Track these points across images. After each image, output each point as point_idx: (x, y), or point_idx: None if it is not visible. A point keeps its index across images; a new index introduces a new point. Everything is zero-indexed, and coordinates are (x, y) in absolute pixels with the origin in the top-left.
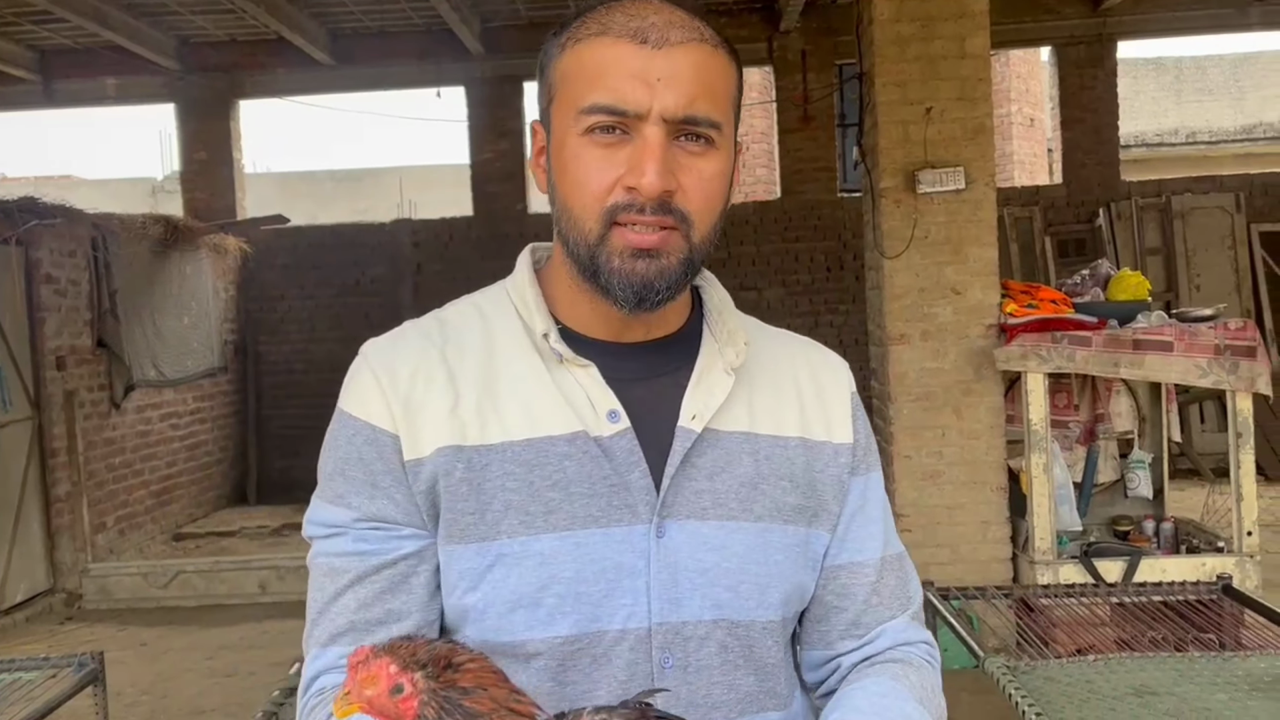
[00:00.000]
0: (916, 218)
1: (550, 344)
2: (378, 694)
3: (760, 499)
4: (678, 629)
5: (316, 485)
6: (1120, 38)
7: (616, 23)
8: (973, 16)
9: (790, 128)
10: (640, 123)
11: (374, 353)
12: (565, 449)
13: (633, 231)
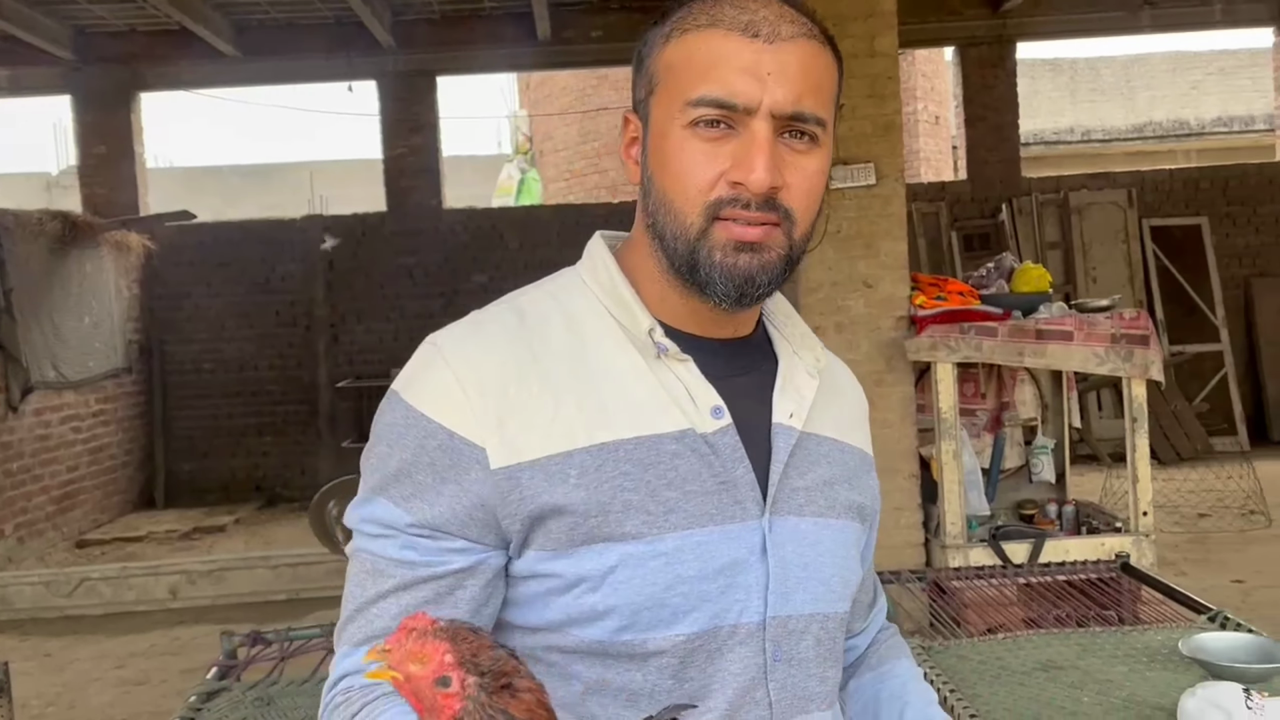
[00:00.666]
0: (829, 213)
1: (655, 339)
2: (421, 675)
3: (836, 497)
4: (784, 623)
5: (365, 467)
6: (1019, 39)
7: (727, 15)
8: (881, 16)
9: None
10: (748, 118)
11: (453, 349)
12: (674, 447)
13: (736, 225)
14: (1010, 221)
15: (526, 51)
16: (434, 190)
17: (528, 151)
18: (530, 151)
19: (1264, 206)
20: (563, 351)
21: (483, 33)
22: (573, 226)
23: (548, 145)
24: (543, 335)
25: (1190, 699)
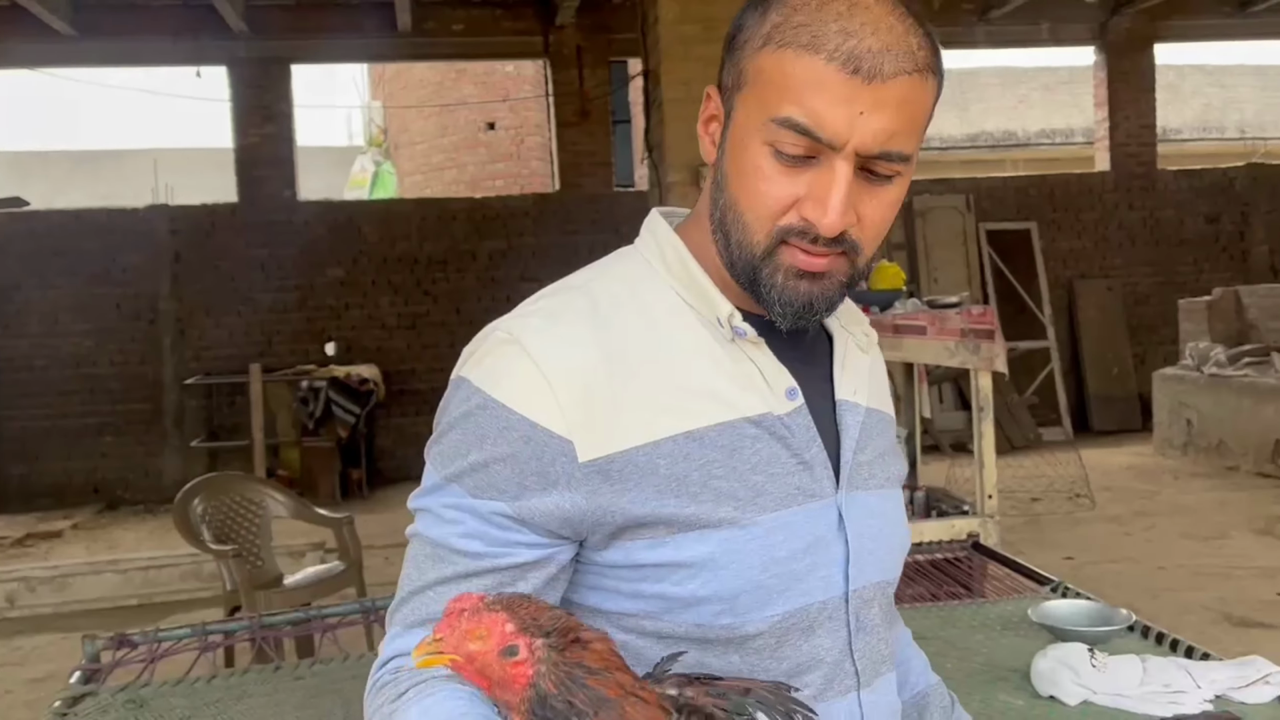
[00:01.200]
0: None
1: (733, 324)
2: (485, 651)
3: (888, 468)
4: (861, 594)
5: (434, 454)
6: None
7: (831, 39)
8: None
9: (567, 122)
10: (832, 153)
11: (534, 341)
12: (754, 431)
13: (801, 254)
14: None
15: (386, 42)
16: (288, 181)
17: (382, 144)
18: (385, 144)
19: (1085, 213)
20: (639, 340)
21: (340, 21)
22: (434, 221)
23: (404, 138)
24: (619, 324)
25: (1042, 660)
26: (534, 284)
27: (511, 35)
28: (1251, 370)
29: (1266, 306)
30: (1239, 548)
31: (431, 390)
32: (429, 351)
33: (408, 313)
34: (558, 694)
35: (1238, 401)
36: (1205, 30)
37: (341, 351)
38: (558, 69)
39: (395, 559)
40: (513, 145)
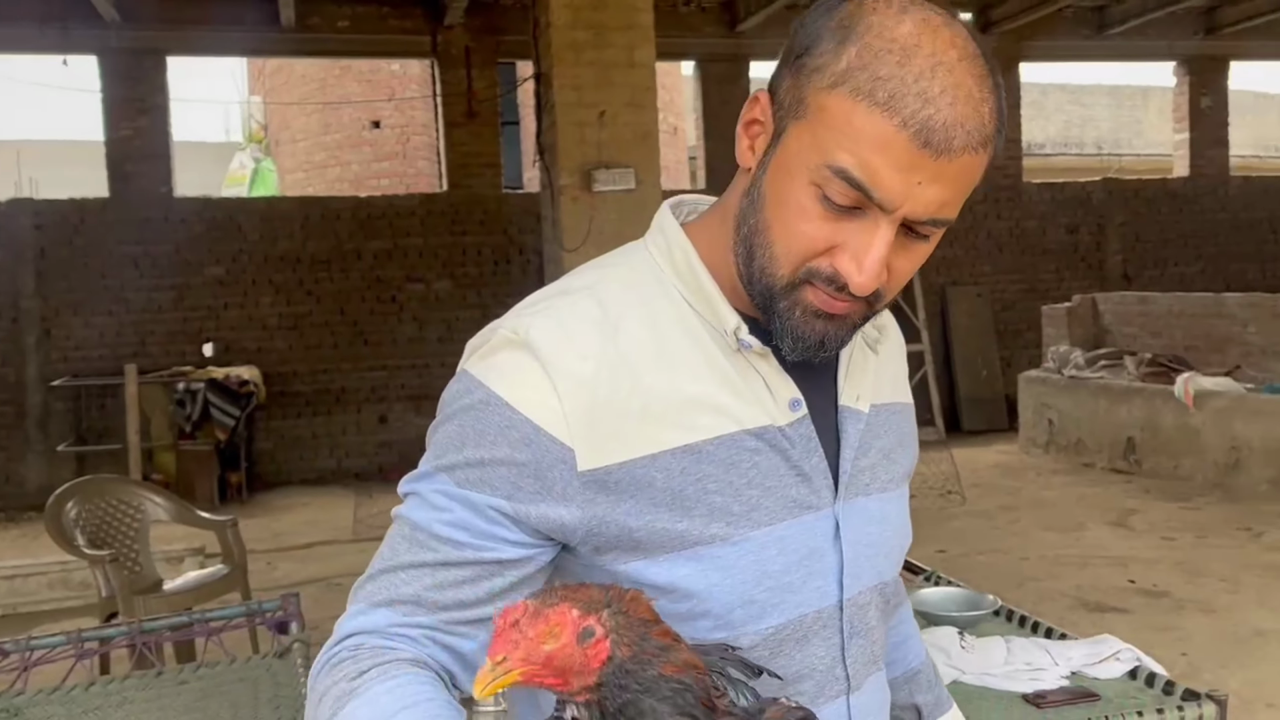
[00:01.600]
0: (592, 214)
1: (740, 338)
2: (562, 646)
3: (894, 467)
4: (855, 600)
5: (432, 442)
6: (753, 59)
7: (908, 102)
8: (641, 29)
9: (455, 122)
10: (880, 212)
11: (543, 344)
12: (755, 444)
13: (824, 296)
14: None
15: (267, 36)
16: (163, 176)
17: (262, 140)
18: (265, 140)
19: (956, 223)
20: (645, 350)
21: (219, 13)
22: (318, 220)
23: (285, 135)
24: (626, 333)
25: None
26: (420, 285)
27: (399, 34)
28: (1106, 373)
29: (1120, 312)
30: (1095, 539)
31: (314, 392)
32: (312, 353)
33: (290, 313)
34: (632, 656)
35: (1094, 402)
36: (1065, 51)
37: (220, 352)
38: (446, 69)
39: (278, 563)
40: (398, 144)
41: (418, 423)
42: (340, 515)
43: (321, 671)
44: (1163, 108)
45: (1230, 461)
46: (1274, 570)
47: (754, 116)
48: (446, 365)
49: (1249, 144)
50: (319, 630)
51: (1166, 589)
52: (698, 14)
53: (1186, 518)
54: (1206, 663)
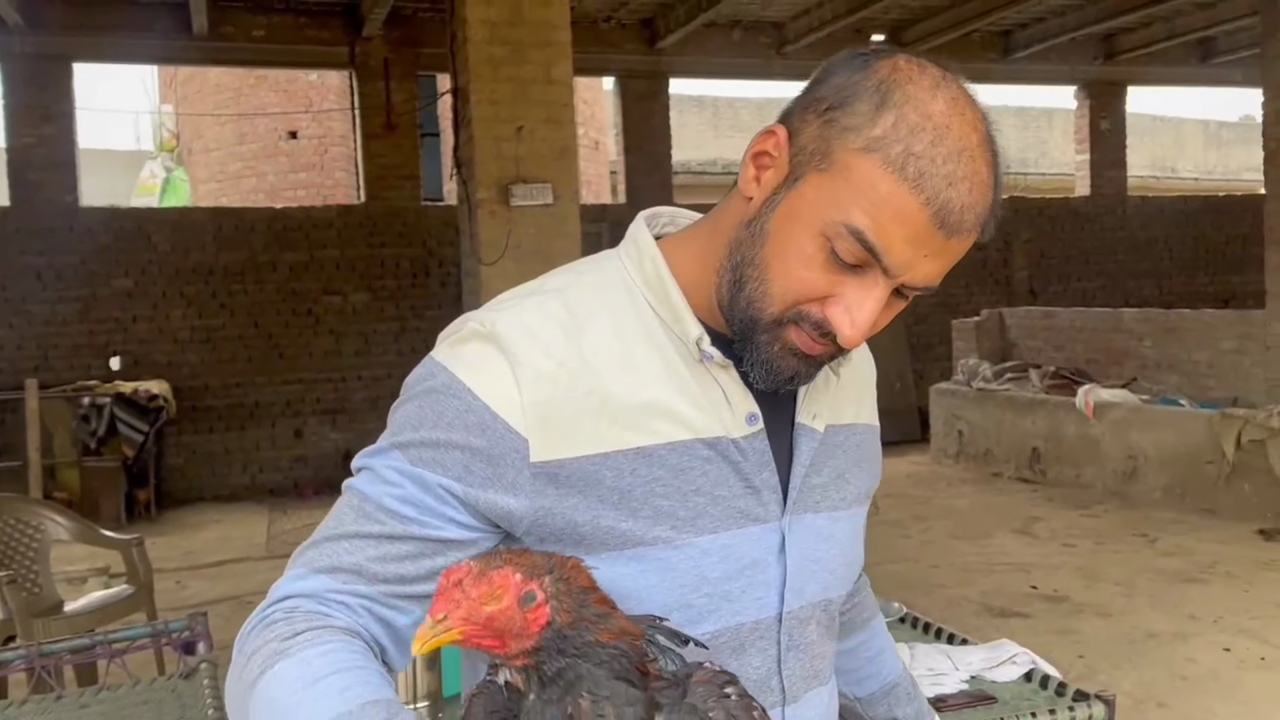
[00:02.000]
0: (510, 228)
1: (702, 348)
2: (504, 608)
3: (847, 488)
4: (796, 614)
5: (391, 420)
6: (672, 75)
7: (935, 182)
8: (558, 46)
9: (373, 134)
10: (881, 275)
11: (510, 339)
12: (707, 453)
13: (807, 339)
14: None
15: (179, 44)
16: (68, 186)
17: (174, 149)
18: (177, 149)
19: None
20: (608, 354)
21: (129, 19)
22: (231, 231)
23: (198, 144)
24: (591, 335)
25: None
26: (338, 297)
27: (316, 44)
28: (1013, 385)
29: (1025, 326)
30: (1000, 546)
31: (226, 406)
32: (224, 366)
33: (202, 326)
34: (571, 622)
35: (1001, 413)
36: (973, 73)
37: (129, 366)
38: (364, 80)
39: (188, 582)
40: (316, 155)
41: (333, 437)
42: (253, 532)
43: (252, 631)
44: (1066, 129)
45: (1127, 470)
46: (1166, 574)
47: (766, 149)
48: (363, 379)
49: (1147, 165)
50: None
51: (1066, 594)
52: (618, 30)
53: (1086, 525)
54: (1102, 664)
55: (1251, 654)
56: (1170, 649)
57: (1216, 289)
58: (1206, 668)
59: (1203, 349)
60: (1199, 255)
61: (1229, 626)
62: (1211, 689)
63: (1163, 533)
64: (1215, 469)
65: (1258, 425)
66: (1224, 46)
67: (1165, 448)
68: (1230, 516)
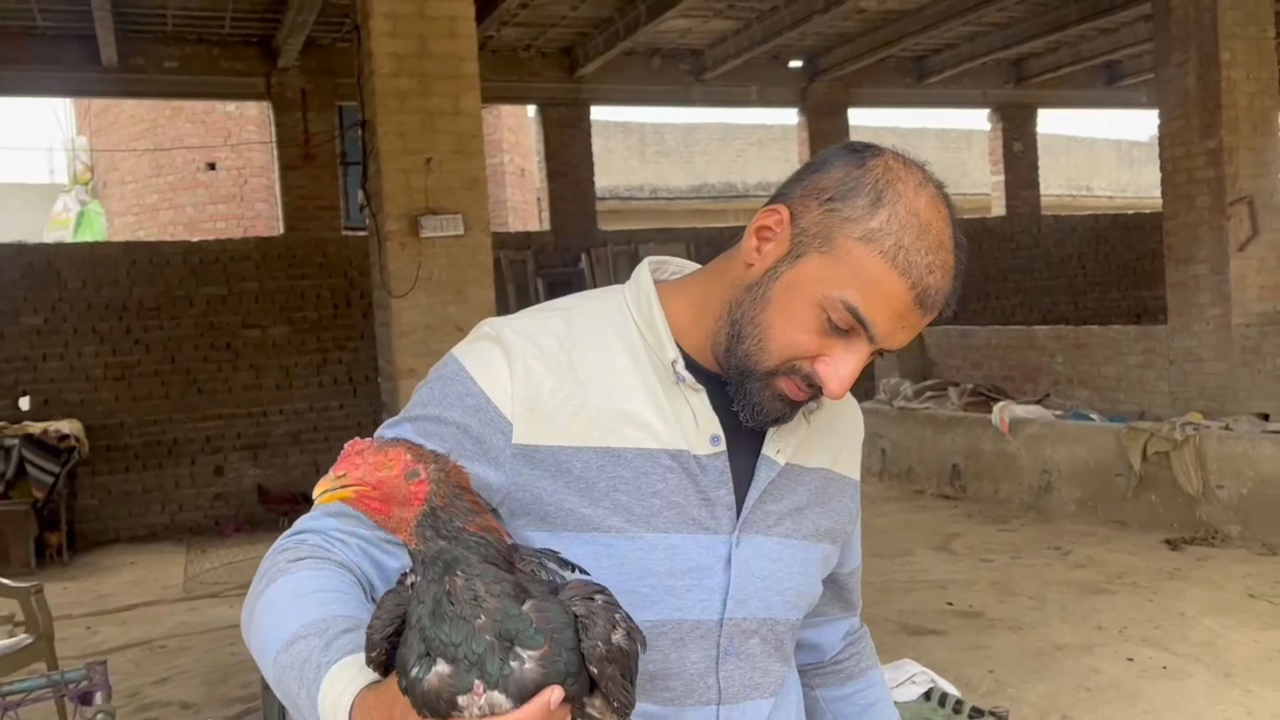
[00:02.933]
0: (421, 260)
1: (676, 370)
2: (392, 476)
3: (805, 522)
4: (739, 624)
5: (411, 399)
6: (593, 102)
7: (918, 269)
8: (465, 78)
9: (292, 164)
10: (864, 340)
11: (508, 336)
12: (669, 463)
13: (795, 389)
14: (589, 269)
15: (89, 76)
16: None
17: (89, 182)
18: (91, 182)
19: None
20: (596, 366)
21: (37, 52)
22: (146, 265)
23: (113, 176)
24: (583, 348)
25: None
26: (257, 331)
27: (231, 75)
28: (933, 403)
29: (944, 345)
30: (920, 563)
31: (143, 445)
32: (140, 404)
33: (116, 363)
34: (445, 506)
35: (922, 431)
36: (890, 98)
37: (38, 406)
38: (281, 111)
39: (99, 626)
40: (235, 186)
41: (254, 473)
42: (170, 573)
43: (270, 554)
44: (984, 150)
45: (1042, 484)
46: (1076, 586)
47: (769, 225)
48: (284, 413)
49: (1063, 184)
50: (137, 697)
51: (981, 609)
52: (538, 59)
53: (1003, 539)
54: (1011, 678)
55: (1154, 663)
56: (1076, 660)
57: (1129, 304)
58: (1110, 678)
59: (1111, 364)
60: (1111, 271)
61: (1133, 636)
62: (1113, 699)
63: (1075, 545)
64: (1124, 481)
65: (1162, 438)
66: (1128, 70)
67: (1077, 462)
68: (1139, 527)
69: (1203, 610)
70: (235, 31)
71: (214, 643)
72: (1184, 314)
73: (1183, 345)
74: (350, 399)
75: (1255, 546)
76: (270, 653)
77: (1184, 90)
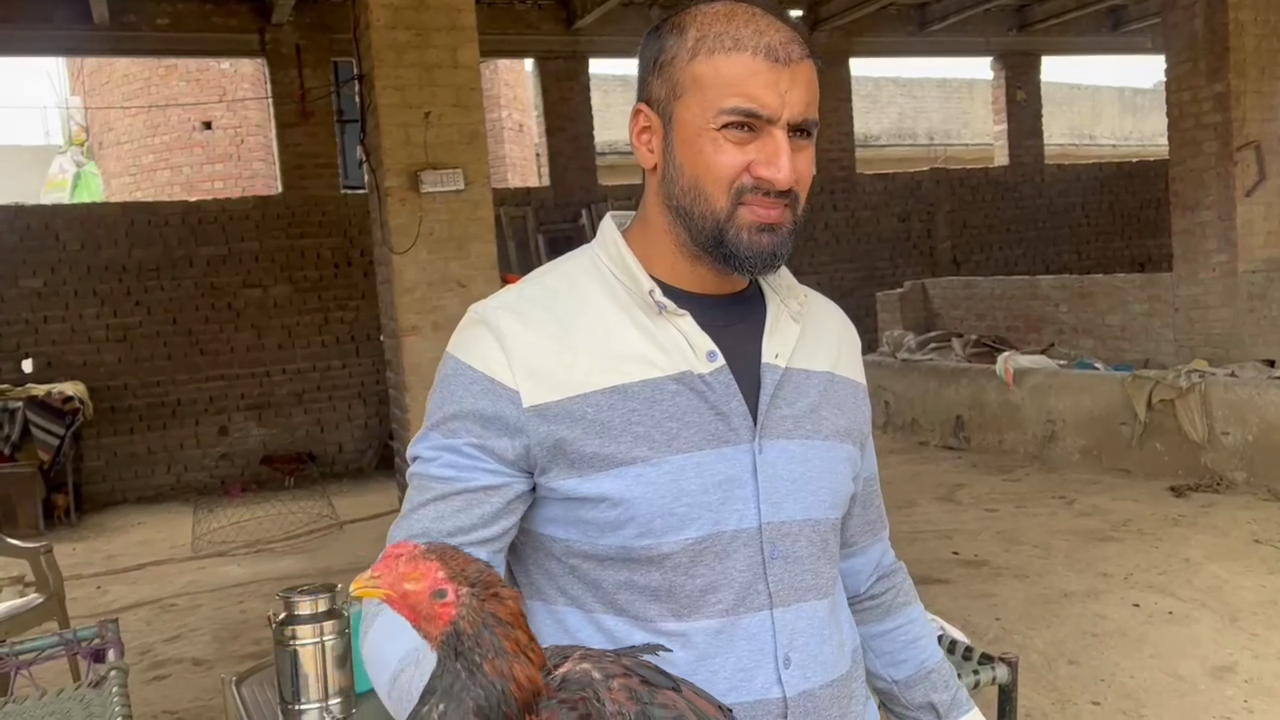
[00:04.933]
0: (421, 215)
1: (654, 299)
2: (419, 591)
3: (823, 422)
4: (779, 527)
5: (427, 411)
6: (591, 55)
7: (749, 39)
8: (463, 30)
9: (288, 122)
10: (770, 126)
11: (491, 315)
12: (675, 386)
13: (759, 209)
14: (590, 225)
15: (81, 34)
16: None
17: (84, 143)
18: (87, 143)
19: None
20: (581, 315)
21: (27, 10)
22: (144, 226)
23: (109, 137)
24: (565, 302)
25: None
26: (258, 290)
27: (224, 32)
28: (936, 355)
29: (948, 296)
30: (925, 514)
31: (146, 406)
32: (143, 365)
33: (117, 324)
34: (470, 635)
35: (925, 383)
36: (892, 46)
37: (41, 368)
38: (277, 68)
39: (109, 586)
40: (232, 146)
41: (259, 433)
42: (178, 533)
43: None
44: (987, 100)
45: (1047, 434)
46: (1081, 534)
47: (641, 125)
48: (287, 372)
49: (1066, 133)
50: (149, 654)
51: (986, 558)
52: (535, 11)
53: (1008, 489)
54: (1017, 625)
55: (1159, 608)
56: (1082, 607)
57: (1133, 252)
58: (1115, 624)
59: (1115, 313)
60: (1115, 220)
61: (1139, 583)
62: (1119, 645)
63: (1080, 494)
64: (1129, 430)
65: (1167, 385)
66: (1133, 14)
67: (1082, 411)
68: (1144, 475)
69: (1208, 556)
70: None
71: (223, 600)
72: (1190, 261)
73: (1188, 293)
74: (353, 358)
75: (1260, 492)
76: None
77: (1191, 34)
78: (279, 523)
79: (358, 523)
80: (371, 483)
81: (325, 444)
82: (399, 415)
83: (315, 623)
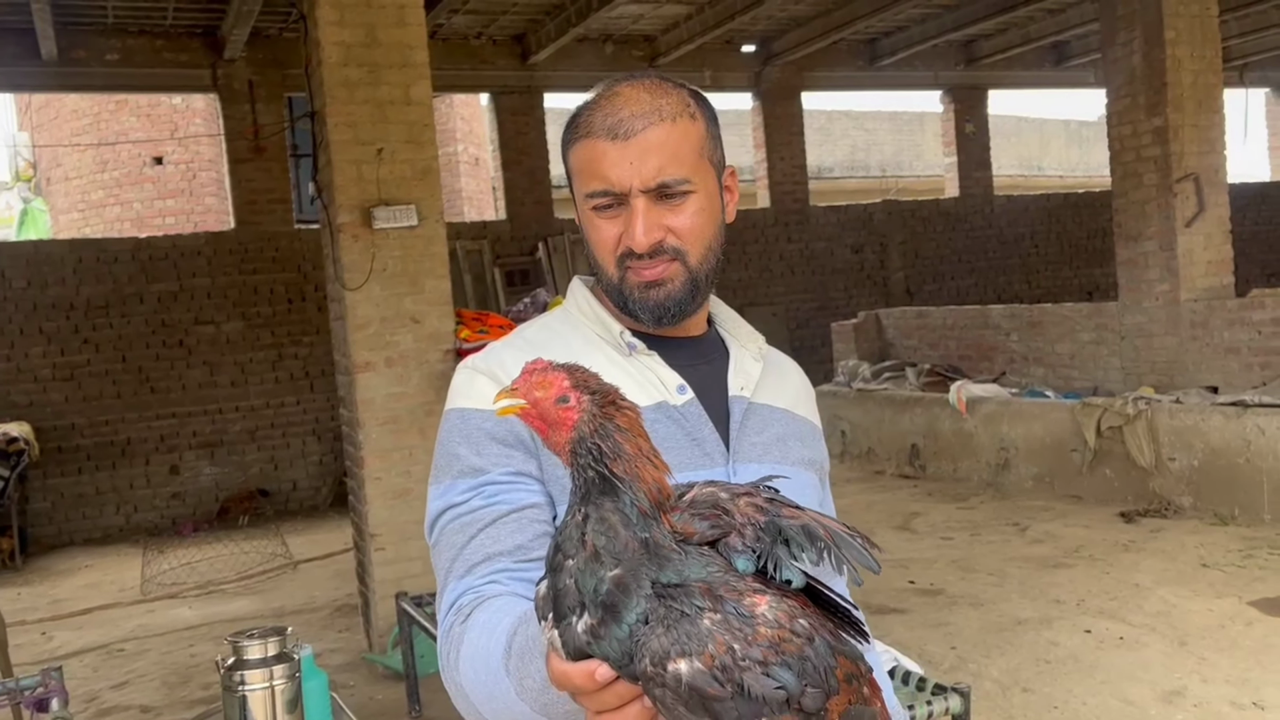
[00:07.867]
0: (375, 251)
1: (624, 340)
2: (546, 397)
3: (789, 451)
4: None
5: (434, 473)
6: (545, 90)
7: (596, 124)
8: (415, 66)
9: (241, 158)
10: (627, 196)
11: (481, 363)
12: (654, 416)
13: (638, 271)
14: (546, 258)
15: (28, 70)
16: None
17: (31, 179)
18: (34, 179)
19: (750, 246)
20: (564, 355)
21: None
22: (93, 263)
23: (57, 173)
24: (547, 347)
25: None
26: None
27: (176, 68)
28: (891, 384)
29: (901, 326)
30: (882, 543)
31: (95, 445)
32: (91, 404)
33: (64, 363)
34: (591, 438)
35: (881, 412)
36: (842, 81)
37: None
38: (229, 103)
39: (55, 632)
40: (184, 181)
41: (211, 471)
42: (127, 575)
43: (442, 643)
44: (937, 132)
45: (1000, 462)
46: (1034, 561)
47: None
48: (240, 409)
49: (1015, 165)
50: (95, 702)
51: (941, 587)
52: (490, 47)
53: (963, 517)
54: (972, 654)
55: (1110, 634)
56: (1036, 634)
57: (1081, 281)
58: (1068, 650)
59: (1064, 341)
60: (1063, 250)
61: (1090, 609)
62: (1072, 671)
63: (1033, 521)
64: (1080, 457)
65: (1115, 412)
66: (1076, 50)
67: (1034, 439)
68: (1095, 501)
69: (1157, 581)
70: (178, 22)
71: (173, 644)
72: (1134, 290)
73: (1133, 321)
74: (307, 394)
75: (1207, 517)
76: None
77: (1130, 69)
78: (231, 563)
79: (312, 561)
80: (326, 521)
81: (279, 481)
82: (352, 452)
83: (265, 667)
